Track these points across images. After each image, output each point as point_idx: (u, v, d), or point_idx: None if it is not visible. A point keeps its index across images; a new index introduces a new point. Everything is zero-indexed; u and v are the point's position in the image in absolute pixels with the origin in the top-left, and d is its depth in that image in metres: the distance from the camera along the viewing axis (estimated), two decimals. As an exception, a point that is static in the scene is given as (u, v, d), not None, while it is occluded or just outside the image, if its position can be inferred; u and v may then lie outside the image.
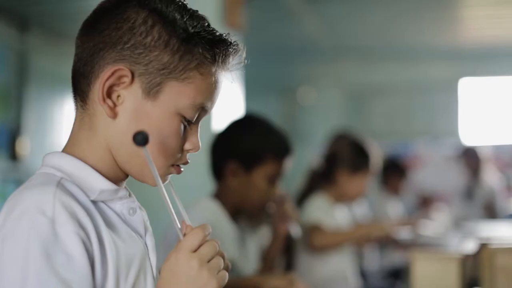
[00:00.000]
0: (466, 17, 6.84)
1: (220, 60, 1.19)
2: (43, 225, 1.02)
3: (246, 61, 1.25)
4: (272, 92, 8.98)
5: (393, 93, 8.89)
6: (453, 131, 8.78)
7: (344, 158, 3.31)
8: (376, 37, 7.48)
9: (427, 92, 8.78)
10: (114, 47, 1.14)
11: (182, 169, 1.22)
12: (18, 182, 4.53)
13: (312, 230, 3.12)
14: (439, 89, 8.74)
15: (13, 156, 4.59)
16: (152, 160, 1.13)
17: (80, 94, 1.18)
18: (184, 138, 1.19)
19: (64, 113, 4.91)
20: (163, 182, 1.19)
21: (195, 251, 1.09)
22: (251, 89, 7.57)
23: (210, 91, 1.19)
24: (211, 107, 1.22)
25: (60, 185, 1.09)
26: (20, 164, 4.59)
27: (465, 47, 7.89)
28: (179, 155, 1.19)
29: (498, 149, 8.58)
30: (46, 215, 1.03)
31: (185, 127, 1.18)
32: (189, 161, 1.22)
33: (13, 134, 4.62)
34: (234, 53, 1.20)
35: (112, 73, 1.13)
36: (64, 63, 1.22)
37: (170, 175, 1.21)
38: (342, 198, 3.34)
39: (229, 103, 5.86)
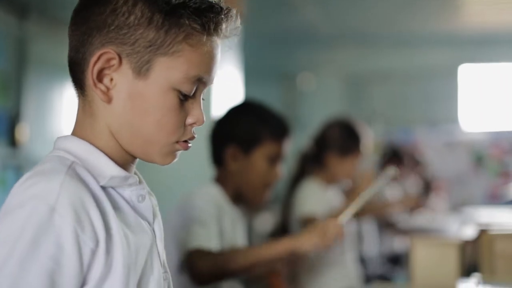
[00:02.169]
0: (465, 3, 6.81)
1: (211, 28, 1.17)
2: (42, 213, 1.03)
3: (241, 25, 1.23)
4: (271, 78, 8.96)
5: (393, 79, 8.87)
6: (453, 118, 8.77)
7: (334, 141, 3.31)
8: (376, 23, 7.46)
9: (427, 78, 8.76)
10: (100, 31, 1.14)
11: (189, 145, 1.21)
12: (18, 169, 4.53)
13: (306, 223, 3.12)
14: (438, 75, 8.72)
15: (12, 142, 4.59)
16: (153, 138, 1.14)
17: (78, 82, 1.19)
18: (185, 112, 1.18)
19: (63, 99, 4.90)
20: (171, 160, 1.20)
21: None
22: (251, 76, 7.56)
23: (204, 62, 1.18)
24: (210, 78, 1.20)
25: (70, 170, 1.10)
26: (19, 150, 4.58)
27: (465, 33, 7.88)
28: (182, 130, 1.18)
29: (498, 135, 8.59)
30: (48, 203, 1.04)
31: (184, 101, 1.18)
32: (195, 135, 1.21)
33: (13, 121, 4.61)
34: (226, 19, 1.18)
35: (98, 57, 1.13)
36: (64, 50, 1.22)
37: (179, 152, 1.21)
38: (333, 180, 3.34)
39: (228, 90, 5.85)
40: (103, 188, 1.13)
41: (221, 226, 2.15)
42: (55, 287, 1.02)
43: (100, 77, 1.14)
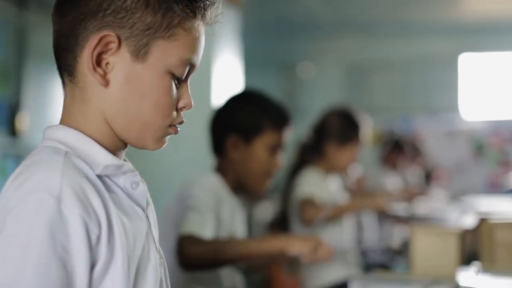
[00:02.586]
0: (466, -8, 6.81)
1: (200, 14, 1.19)
2: (49, 205, 1.02)
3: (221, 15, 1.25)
4: (271, 68, 8.96)
5: (393, 68, 8.87)
6: (453, 107, 8.77)
7: (333, 130, 3.31)
8: (376, 12, 7.44)
9: (427, 67, 8.76)
10: (95, 16, 1.13)
11: (178, 129, 1.22)
12: (18, 158, 4.53)
13: (304, 204, 3.13)
14: (439, 64, 8.72)
15: (12, 132, 4.58)
16: (150, 121, 1.16)
17: (67, 68, 1.18)
18: (177, 96, 1.20)
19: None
20: (162, 145, 1.22)
21: None
22: (251, 65, 7.56)
23: (195, 45, 1.20)
24: (198, 62, 1.22)
25: (67, 160, 1.09)
26: (19, 139, 4.58)
27: (465, 22, 7.86)
28: (175, 114, 1.20)
29: (498, 124, 8.59)
30: (53, 194, 1.03)
31: (177, 85, 1.19)
32: (184, 120, 1.22)
33: (13, 110, 4.60)
34: (211, 6, 1.21)
35: (99, 40, 1.13)
36: (64, 38, 1.21)
37: (168, 137, 1.22)
38: (333, 169, 3.35)
39: (228, 79, 5.84)
40: (98, 176, 1.13)
41: (219, 216, 2.15)
42: (69, 278, 1.02)
43: (96, 61, 1.14)
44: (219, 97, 4.40)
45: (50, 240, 1.00)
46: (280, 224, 3.43)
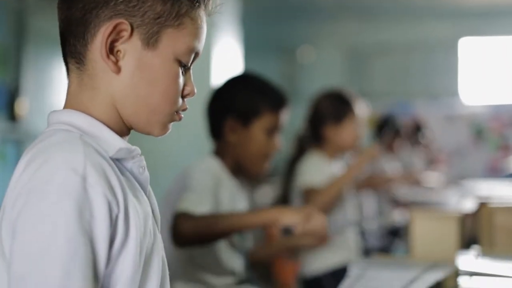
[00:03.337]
0: (467, -24, 6.78)
1: (203, 5, 1.23)
2: (75, 183, 1.03)
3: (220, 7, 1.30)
4: (271, 51, 8.94)
5: (393, 52, 8.85)
6: (453, 91, 8.76)
7: (326, 111, 3.30)
8: (376, -4, 7.43)
9: (427, 51, 8.74)
10: (107, 4, 1.15)
11: (182, 116, 1.25)
12: (17, 143, 4.53)
13: (307, 194, 3.12)
14: (439, 48, 8.70)
15: (12, 117, 4.58)
16: (158, 107, 1.19)
17: (76, 56, 1.19)
18: (182, 84, 1.23)
19: (63, 73, 4.88)
20: (167, 131, 1.24)
21: None
22: (251, 48, 7.55)
23: (200, 34, 1.23)
24: (201, 50, 1.26)
25: (84, 142, 1.10)
26: (19, 124, 4.57)
27: (466, 6, 7.84)
28: (181, 101, 1.23)
29: (498, 109, 8.58)
30: (78, 173, 1.04)
31: (182, 73, 1.22)
32: (187, 107, 1.26)
33: (12, 95, 4.60)
34: None
35: (114, 28, 1.15)
36: (63, 23, 1.21)
37: (172, 124, 1.25)
38: (338, 151, 3.34)
39: (228, 63, 5.83)
40: (111, 159, 1.15)
41: (218, 198, 2.16)
42: (93, 255, 1.04)
43: (109, 48, 1.16)
44: (219, 81, 4.40)
45: (78, 217, 1.02)
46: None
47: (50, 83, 4.86)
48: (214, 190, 2.16)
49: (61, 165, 1.05)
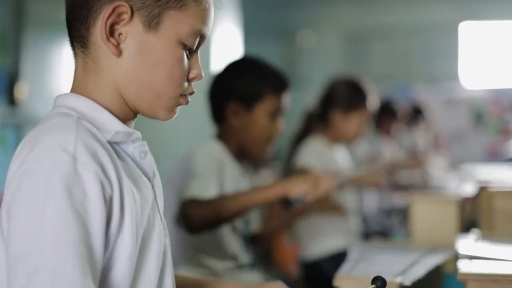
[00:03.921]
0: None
1: None
2: (64, 162, 1.03)
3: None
4: (271, 35, 8.92)
5: (393, 36, 8.83)
6: (453, 75, 8.75)
7: (339, 98, 3.30)
8: (376, -21, 7.40)
9: (427, 35, 8.72)
10: None
11: (189, 99, 1.24)
12: (17, 127, 4.53)
13: (300, 174, 3.13)
14: (439, 32, 8.68)
15: (11, 101, 4.58)
16: (162, 91, 1.18)
17: (80, 40, 1.19)
18: (188, 67, 1.22)
19: (62, 57, 4.88)
20: (173, 115, 1.24)
21: None
22: (250, 32, 7.53)
23: (205, 16, 1.22)
24: (208, 33, 1.25)
25: (79, 124, 1.10)
26: (18, 109, 4.57)
27: (466, -11, 7.82)
28: (186, 84, 1.22)
29: (498, 93, 8.57)
30: (68, 153, 1.04)
31: (187, 56, 1.21)
32: (194, 90, 1.25)
33: (12, 79, 4.59)
34: None
35: (113, 10, 1.15)
36: (62, 7, 1.21)
37: (179, 108, 1.24)
38: (339, 139, 3.34)
39: (228, 48, 5.82)
40: (109, 143, 1.15)
41: (222, 181, 2.17)
42: (88, 235, 1.03)
43: (109, 32, 1.16)
44: (219, 65, 4.39)
45: (68, 196, 1.02)
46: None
47: (50, 67, 4.85)
48: (218, 174, 2.17)
49: (51, 146, 1.05)
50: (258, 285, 1.48)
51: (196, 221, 1.99)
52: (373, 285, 1.31)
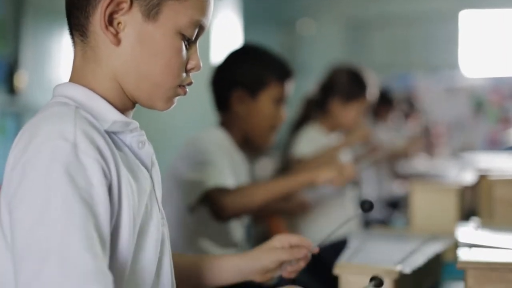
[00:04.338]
0: None
1: None
2: (65, 150, 1.03)
3: None
4: (271, 23, 8.90)
5: (393, 24, 8.81)
6: (453, 63, 8.73)
7: (339, 87, 3.30)
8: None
9: (428, 24, 8.70)
10: None
11: (187, 90, 1.25)
12: (17, 116, 4.52)
13: (295, 165, 3.13)
14: (439, 21, 8.66)
15: (11, 90, 4.57)
16: (160, 81, 1.18)
17: (79, 28, 1.19)
18: (186, 57, 1.22)
19: (62, 46, 4.87)
20: (171, 105, 1.24)
21: None
22: (250, 21, 7.52)
23: (205, 7, 1.22)
24: (207, 24, 1.25)
25: (77, 113, 1.10)
26: (18, 98, 4.57)
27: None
28: (184, 75, 1.22)
29: (498, 81, 8.56)
30: (68, 141, 1.04)
31: (186, 47, 1.21)
32: (192, 81, 1.25)
33: (11, 68, 4.58)
34: None
35: (111, 1, 1.15)
36: (62, -5, 1.21)
37: (177, 98, 1.24)
38: (337, 127, 3.34)
39: (228, 36, 5.81)
40: (107, 133, 1.15)
41: (233, 168, 2.20)
42: (97, 221, 1.03)
43: (108, 21, 1.16)
44: (219, 53, 4.37)
45: (71, 183, 1.01)
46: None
47: (49, 56, 4.84)
48: (230, 161, 2.20)
49: (51, 135, 1.05)
50: (264, 244, 1.49)
51: (228, 209, 2.05)
52: (371, 283, 1.32)
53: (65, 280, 0.95)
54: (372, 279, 1.33)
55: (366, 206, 1.32)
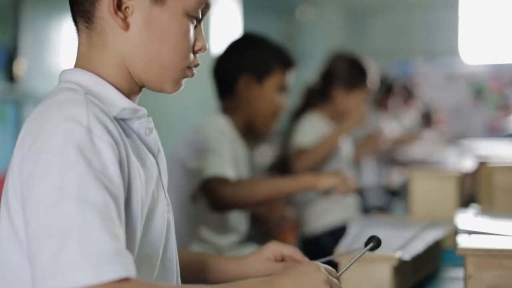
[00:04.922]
0: None
1: None
2: (79, 133, 1.03)
3: None
4: (270, 10, 8.88)
5: (393, 10, 8.79)
6: (453, 50, 8.72)
7: (340, 75, 3.29)
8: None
9: (428, 9, 8.68)
10: None
11: (194, 71, 1.25)
12: (16, 103, 4.52)
13: (296, 154, 3.13)
14: (439, 6, 8.64)
15: (10, 77, 4.56)
16: (169, 64, 1.19)
17: (84, 14, 1.19)
18: (193, 39, 1.22)
19: (61, 33, 4.86)
20: (179, 88, 1.24)
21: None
22: (249, 8, 7.49)
23: None
24: (210, 5, 1.26)
25: (87, 98, 1.10)
26: (17, 85, 4.56)
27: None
28: (192, 56, 1.23)
29: (498, 68, 8.55)
30: (82, 125, 1.03)
31: (193, 28, 1.22)
32: (199, 63, 1.25)
33: (10, 55, 4.57)
34: None
35: None
36: (61, -18, 1.21)
37: (185, 80, 1.24)
38: (338, 115, 3.33)
39: (227, 23, 5.80)
40: (115, 119, 1.14)
41: (235, 157, 2.21)
42: (117, 205, 1.03)
43: (117, 5, 1.16)
44: (218, 41, 4.36)
45: (87, 166, 1.01)
46: (279, 168, 3.44)
47: (49, 43, 4.83)
48: (232, 150, 2.21)
49: (64, 119, 1.04)
50: (256, 253, 1.48)
51: (226, 200, 2.04)
52: (369, 245, 1.31)
53: (85, 261, 0.95)
54: (369, 240, 1.31)
55: (373, 243, 1.30)
